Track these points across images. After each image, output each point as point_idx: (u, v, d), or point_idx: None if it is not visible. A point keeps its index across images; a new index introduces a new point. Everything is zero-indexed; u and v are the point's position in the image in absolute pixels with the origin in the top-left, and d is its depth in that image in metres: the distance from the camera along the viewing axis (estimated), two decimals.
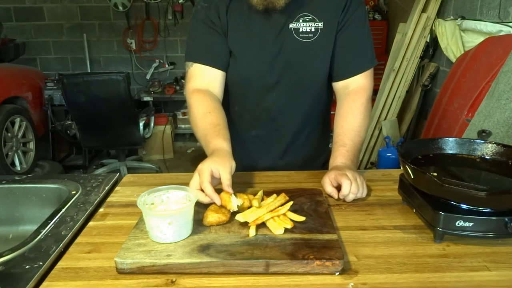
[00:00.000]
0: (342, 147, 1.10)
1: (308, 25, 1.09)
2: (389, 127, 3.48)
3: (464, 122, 2.19)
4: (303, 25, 1.09)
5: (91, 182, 1.16)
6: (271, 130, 1.22)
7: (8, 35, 4.44)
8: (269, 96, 1.16)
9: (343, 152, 1.09)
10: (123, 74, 3.17)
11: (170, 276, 0.75)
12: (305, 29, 1.09)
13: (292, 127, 1.23)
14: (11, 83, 3.58)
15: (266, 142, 1.25)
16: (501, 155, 0.98)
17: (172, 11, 4.79)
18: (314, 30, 1.09)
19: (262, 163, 1.27)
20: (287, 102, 1.18)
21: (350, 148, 1.10)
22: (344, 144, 1.10)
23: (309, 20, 1.09)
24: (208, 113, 1.07)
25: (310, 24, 1.09)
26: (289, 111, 1.20)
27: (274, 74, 1.13)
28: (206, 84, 1.13)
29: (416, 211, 0.92)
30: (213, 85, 1.13)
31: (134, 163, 3.95)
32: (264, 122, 1.21)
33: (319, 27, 1.09)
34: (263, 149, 1.26)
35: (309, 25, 1.09)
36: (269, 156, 1.27)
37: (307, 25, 1.09)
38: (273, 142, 1.25)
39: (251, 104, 1.19)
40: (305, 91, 1.18)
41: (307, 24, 1.09)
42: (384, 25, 4.38)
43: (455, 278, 0.74)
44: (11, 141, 3.30)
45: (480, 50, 2.37)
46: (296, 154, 1.28)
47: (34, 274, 0.74)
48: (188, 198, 0.86)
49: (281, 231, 0.83)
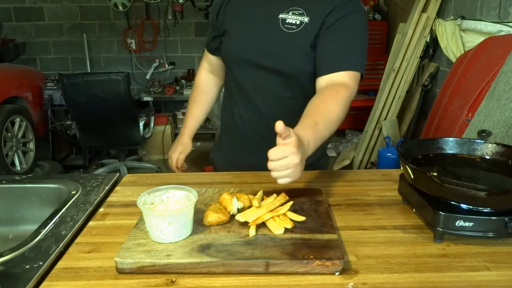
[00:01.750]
0: (314, 124, 0.93)
1: (295, 18, 1.14)
2: (389, 127, 3.48)
3: (464, 122, 2.19)
4: (291, 17, 1.14)
5: (91, 182, 1.16)
6: (249, 111, 1.28)
7: (8, 35, 4.43)
8: (248, 75, 1.24)
9: (309, 131, 0.90)
10: (123, 74, 3.17)
11: (170, 276, 0.75)
12: (292, 20, 1.14)
13: (268, 113, 1.23)
14: (11, 83, 3.58)
15: (245, 124, 1.30)
16: (501, 155, 0.98)
17: (172, 11, 4.79)
18: (299, 23, 1.13)
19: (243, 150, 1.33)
20: (263, 85, 1.23)
21: (319, 133, 0.94)
22: (317, 123, 0.94)
23: (298, 13, 1.14)
24: (194, 102, 1.46)
25: (297, 17, 1.14)
26: (264, 96, 1.23)
27: (254, 54, 1.20)
28: (207, 63, 1.47)
29: (416, 211, 0.92)
30: (211, 63, 1.46)
31: (134, 163, 3.95)
32: (244, 101, 1.28)
33: (304, 21, 1.13)
34: (243, 132, 1.31)
35: (296, 18, 1.14)
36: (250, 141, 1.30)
37: (294, 18, 1.14)
38: (250, 125, 1.29)
39: (235, 80, 1.29)
40: (282, 81, 1.19)
41: (295, 16, 1.14)
42: (384, 25, 4.38)
43: (455, 278, 0.74)
44: (11, 141, 3.30)
45: (480, 50, 2.37)
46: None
47: (34, 274, 0.74)
48: (188, 198, 0.86)
49: (281, 231, 0.83)
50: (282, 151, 0.79)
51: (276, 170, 0.81)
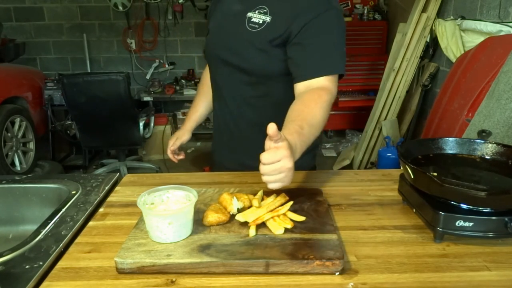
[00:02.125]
0: (299, 128, 0.92)
1: (260, 16, 1.14)
2: (389, 127, 3.48)
3: (464, 122, 2.19)
4: (256, 15, 1.14)
5: (91, 182, 1.16)
6: (222, 108, 1.30)
7: (8, 35, 4.44)
8: (220, 72, 1.27)
9: (295, 136, 0.89)
10: (123, 74, 3.17)
11: (170, 276, 0.75)
12: (256, 19, 1.14)
13: (237, 111, 1.26)
14: (11, 83, 3.58)
15: (220, 121, 1.33)
16: (501, 155, 0.98)
17: (172, 11, 4.79)
18: (262, 23, 1.13)
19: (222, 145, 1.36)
20: (232, 83, 1.24)
21: (304, 138, 0.91)
22: (302, 128, 0.92)
23: (263, 12, 1.14)
24: (198, 94, 1.49)
25: (261, 16, 1.14)
26: (232, 93, 1.25)
27: (223, 51, 1.22)
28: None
29: (416, 211, 0.92)
30: None
31: (134, 163, 3.95)
32: (218, 98, 1.32)
33: (266, 20, 1.13)
34: (217, 127, 1.36)
35: (260, 17, 1.14)
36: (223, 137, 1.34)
37: (258, 17, 1.14)
38: (223, 121, 1.32)
39: (212, 77, 1.33)
40: (247, 79, 1.19)
41: (260, 15, 1.14)
42: (384, 25, 4.38)
43: (455, 278, 0.74)
44: (11, 141, 3.30)
45: (480, 50, 2.37)
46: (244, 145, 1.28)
47: (34, 274, 0.75)
48: (188, 198, 0.86)
49: (281, 231, 0.83)
50: (275, 155, 0.78)
51: (269, 175, 0.79)
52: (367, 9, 4.42)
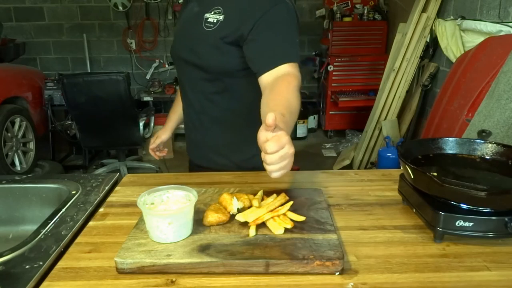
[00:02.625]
0: (281, 116, 0.90)
1: (215, 16, 1.17)
2: (389, 127, 3.49)
3: (464, 122, 2.19)
4: (212, 16, 1.18)
5: (91, 182, 1.16)
6: (187, 105, 1.35)
7: (8, 35, 4.44)
8: (182, 71, 1.32)
9: (282, 125, 0.86)
10: (123, 74, 3.17)
11: (170, 276, 0.75)
12: (211, 19, 1.17)
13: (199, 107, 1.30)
14: (11, 83, 3.58)
15: (186, 117, 1.39)
16: (501, 155, 0.98)
17: (172, 11, 4.79)
18: (216, 22, 1.17)
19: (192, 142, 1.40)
20: (193, 81, 1.28)
21: (288, 125, 0.91)
22: (284, 115, 0.91)
23: (218, 12, 1.17)
24: (177, 95, 1.52)
25: (216, 15, 1.17)
26: (194, 90, 1.29)
27: (183, 51, 1.27)
28: None
29: (416, 211, 0.92)
30: None
31: (134, 163, 3.95)
32: (184, 96, 1.36)
33: (220, 19, 1.16)
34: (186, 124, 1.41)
35: (215, 17, 1.17)
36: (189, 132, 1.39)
37: (214, 16, 1.17)
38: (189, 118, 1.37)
39: (178, 76, 1.39)
40: (206, 76, 1.23)
41: (215, 15, 1.17)
42: (384, 25, 4.38)
43: (455, 278, 0.74)
44: (11, 141, 3.30)
45: (480, 50, 2.37)
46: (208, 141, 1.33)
47: (34, 274, 0.75)
48: (188, 198, 0.86)
49: (281, 231, 0.83)
50: (279, 142, 0.76)
51: (274, 163, 0.78)
52: (367, 9, 4.42)
